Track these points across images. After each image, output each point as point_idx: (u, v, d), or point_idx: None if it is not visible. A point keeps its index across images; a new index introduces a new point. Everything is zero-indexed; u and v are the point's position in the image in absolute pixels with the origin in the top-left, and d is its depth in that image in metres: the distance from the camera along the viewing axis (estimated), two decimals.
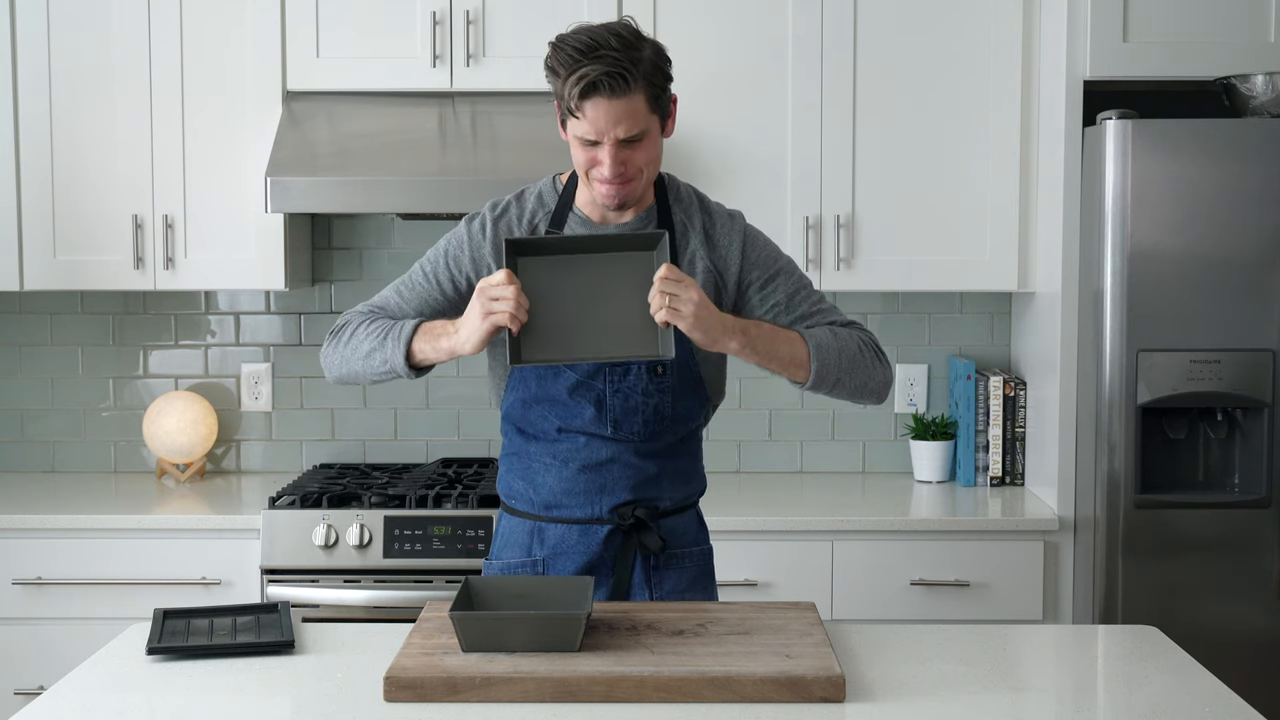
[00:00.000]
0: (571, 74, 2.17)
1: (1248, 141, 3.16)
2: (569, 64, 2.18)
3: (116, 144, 3.55)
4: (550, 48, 2.22)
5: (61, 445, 3.96)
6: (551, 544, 2.41)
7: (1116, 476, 3.19)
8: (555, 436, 2.39)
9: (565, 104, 2.20)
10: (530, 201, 2.40)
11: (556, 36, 2.23)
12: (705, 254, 2.38)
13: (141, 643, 2.25)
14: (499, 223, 2.38)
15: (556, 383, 2.36)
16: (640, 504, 2.39)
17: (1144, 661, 2.22)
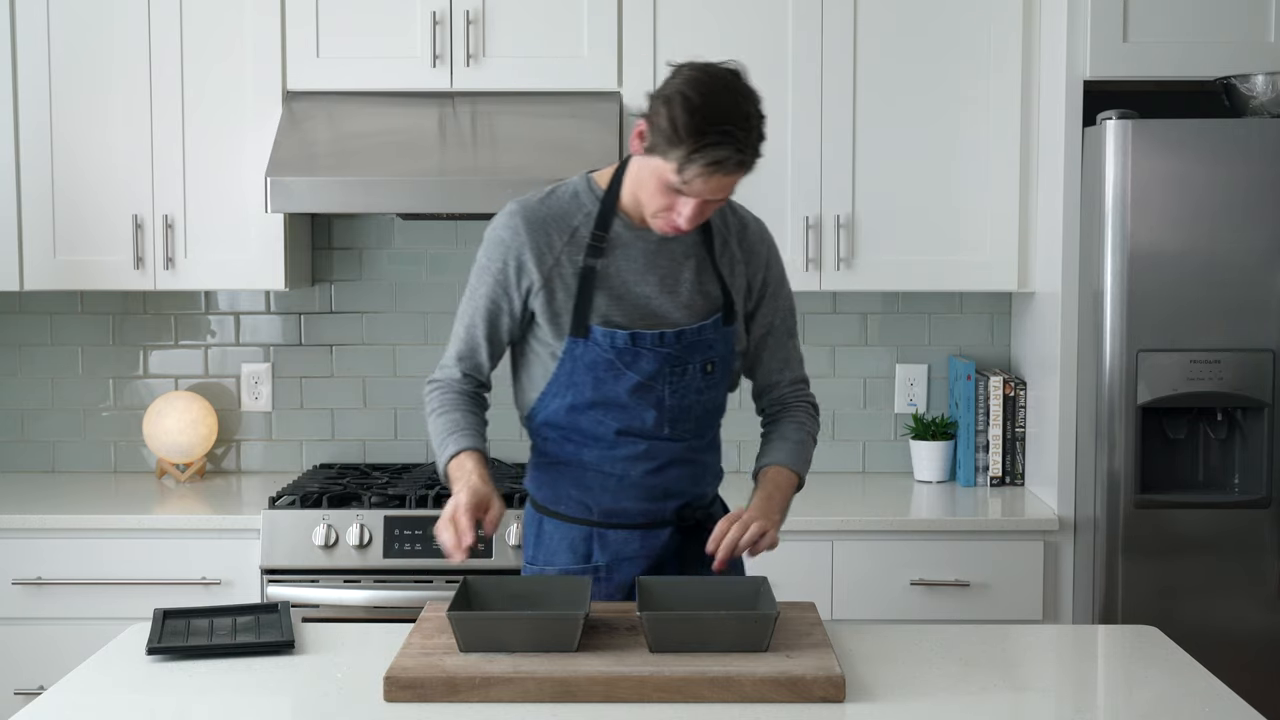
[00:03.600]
0: (699, 149, 2.13)
1: (1248, 141, 3.16)
2: (697, 135, 2.13)
3: (116, 144, 3.55)
4: (680, 100, 2.15)
5: (61, 445, 3.96)
6: (613, 549, 2.39)
7: (1116, 476, 3.19)
8: (613, 441, 2.36)
9: (676, 162, 2.14)
10: (564, 202, 2.36)
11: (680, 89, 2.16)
12: (740, 253, 2.42)
13: (141, 643, 2.25)
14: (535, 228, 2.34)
15: (617, 384, 2.33)
16: (697, 502, 2.42)
17: (1144, 661, 2.22)
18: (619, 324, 2.31)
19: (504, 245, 2.35)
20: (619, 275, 2.32)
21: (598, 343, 2.31)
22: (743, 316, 2.42)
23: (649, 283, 2.34)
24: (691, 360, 2.34)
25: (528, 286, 2.35)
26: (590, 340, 2.31)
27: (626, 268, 2.33)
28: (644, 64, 3.53)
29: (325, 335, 3.93)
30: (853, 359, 3.90)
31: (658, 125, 2.16)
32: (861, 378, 3.92)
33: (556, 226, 2.34)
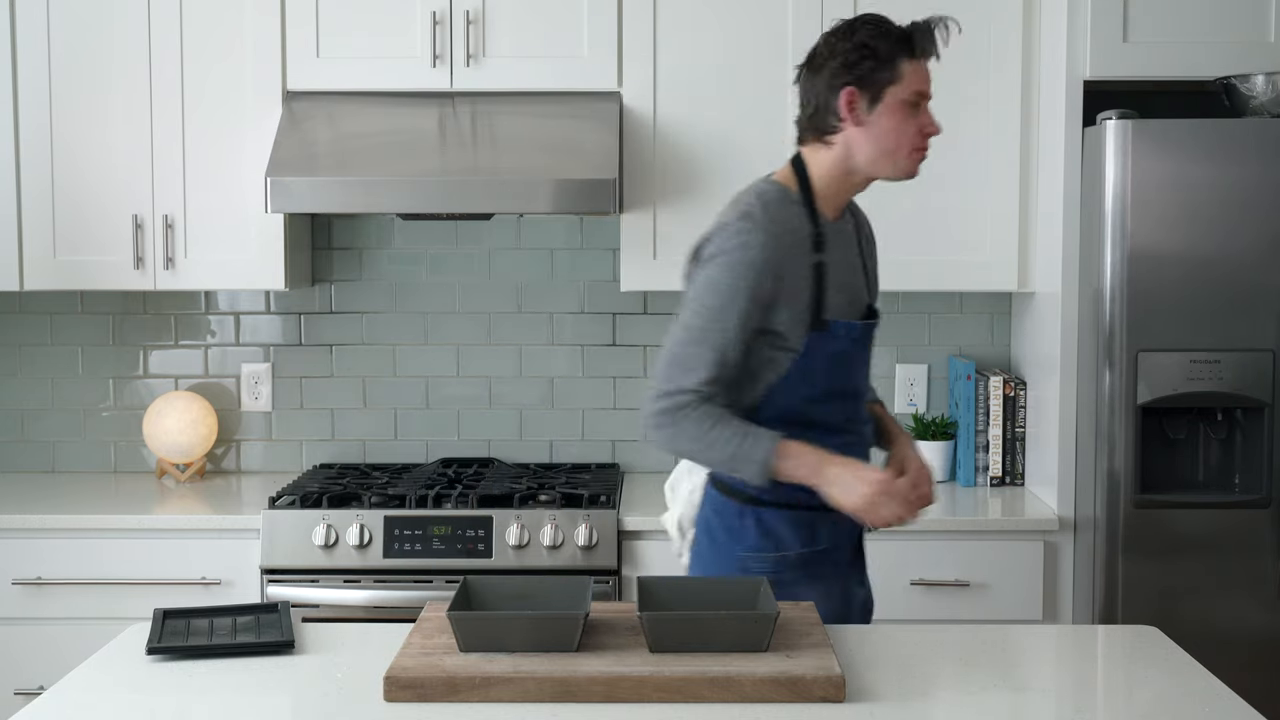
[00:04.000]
0: (907, 39, 2.36)
1: (1248, 141, 3.16)
2: (897, 32, 2.37)
3: (116, 144, 3.55)
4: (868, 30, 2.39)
5: (61, 445, 3.96)
6: (826, 538, 2.46)
7: (1116, 476, 3.19)
8: (842, 427, 2.45)
9: (908, 63, 2.37)
10: (782, 208, 2.39)
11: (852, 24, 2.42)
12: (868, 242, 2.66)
13: (141, 643, 2.25)
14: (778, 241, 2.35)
15: (850, 374, 2.46)
16: None
17: (1144, 661, 2.22)
18: (847, 314, 2.45)
19: (757, 267, 2.33)
20: (836, 267, 2.44)
21: (836, 335, 2.41)
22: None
23: (853, 271, 2.51)
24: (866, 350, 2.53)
25: (775, 299, 2.36)
26: (830, 333, 2.40)
27: (839, 259, 2.46)
28: (644, 64, 3.53)
29: (325, 335, 3.93)
30: None
31: (873, 57, 2.36)
32: None
33: (788, 232, 2.38)
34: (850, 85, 2.37)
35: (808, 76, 2.46)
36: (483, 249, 3.91)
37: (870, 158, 2.41)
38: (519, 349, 3.93)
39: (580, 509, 3.32)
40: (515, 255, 3.91)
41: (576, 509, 3.32)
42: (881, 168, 2.43)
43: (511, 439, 3.95)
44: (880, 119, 2.38)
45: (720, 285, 2.33)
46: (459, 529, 3.29)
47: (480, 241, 3.91)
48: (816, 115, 2.42)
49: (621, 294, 3.88)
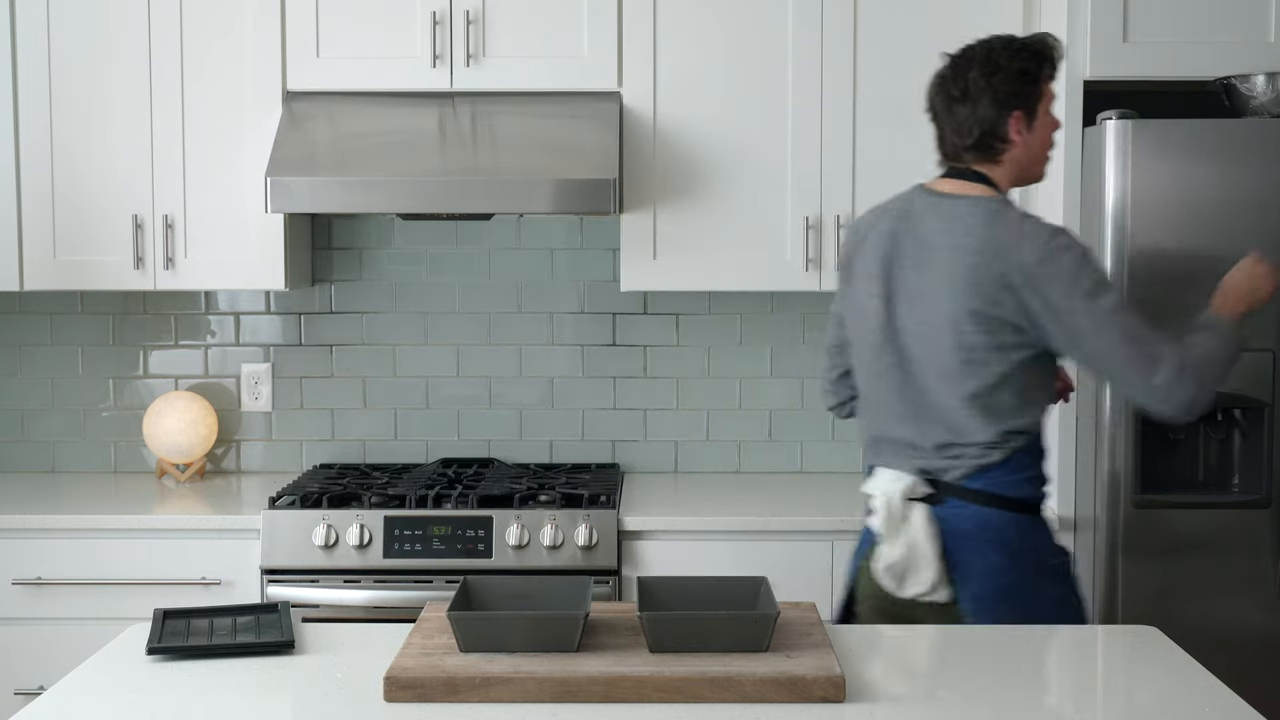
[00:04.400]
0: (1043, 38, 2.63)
1: (1248, 141, 3.15)
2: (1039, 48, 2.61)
3: (116, 144, 3.55)
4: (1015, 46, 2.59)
5: (61, 445, 3.96)
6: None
7: (1116, 476, 3.18)
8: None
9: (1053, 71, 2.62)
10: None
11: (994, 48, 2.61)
12: None
13: (141, 643, 2.25)
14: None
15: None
16: None
17: (1144, 661, 2.22)
18: None
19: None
20: None
21: None
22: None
23: None
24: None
25: None
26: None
27: None
28: (644, 64, 3.53)
29: (325, 335, 3.93)
30: None
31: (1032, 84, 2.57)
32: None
33: None
34: (1017, 110, 2.57)
35: (959, 105, 2.58)
36: (483, 249, 3.91)
37: (1026, 170, 2.63)
38: (519, 349, 3.93)
39: (580, 509, 3.32)
40: (515, 255, 3.91)
41: (576, 509, 3.32)
42: (1031, 177, 2.65)
43: (511, 439, 3.95)
44: (1036, 134, 2.60)
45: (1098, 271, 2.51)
46: (459, 529, 3.29)
47: (480, 241, 3.91)
48: (983, 139, 2.57)
49: (621, 294, 3.88)
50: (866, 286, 2.64)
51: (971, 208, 2.53)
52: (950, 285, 2.50)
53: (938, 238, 2.54)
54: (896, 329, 2.59)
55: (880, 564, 2.57)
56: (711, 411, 3.94)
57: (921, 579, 2.53)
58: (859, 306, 2.67)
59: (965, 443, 2.54)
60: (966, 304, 2.48)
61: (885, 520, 2.56)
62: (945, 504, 2.55)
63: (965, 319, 2.49)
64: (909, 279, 2.57)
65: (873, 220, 2.70)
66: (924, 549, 2.52)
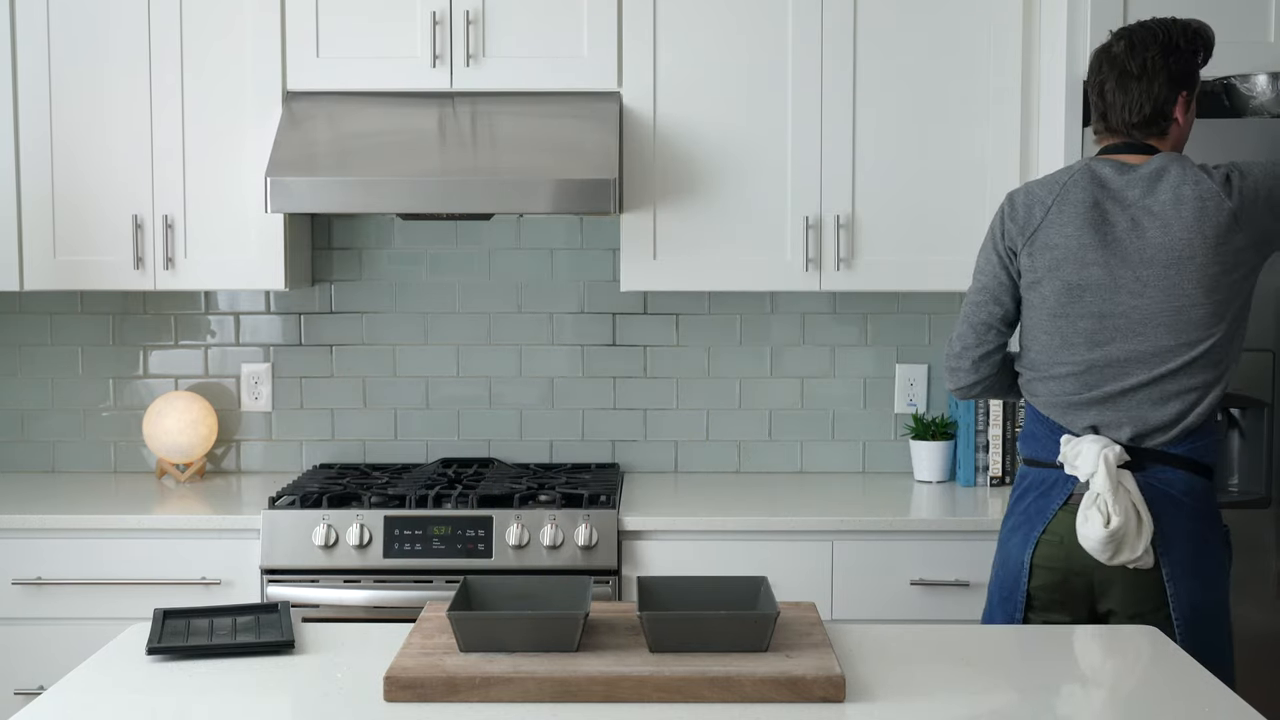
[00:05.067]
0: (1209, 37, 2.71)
1: (1248, 141, 3.15)
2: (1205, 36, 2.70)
3: (116, 144, 3.55)
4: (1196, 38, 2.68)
5: (61, 445, 3.96)
6: None
7: None
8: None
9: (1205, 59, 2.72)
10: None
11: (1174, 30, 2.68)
12: None
13: (141, 643, 2.25)
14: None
15: None
16: None
17: (1144, 661, 2.22)
18: None
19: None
20: None
21: None
22: None
23: None
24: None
25: None
26: None
27: None
28: (644, 64, 3.53)
29: (325, 335, 3.93)
30: (853, 359, 3.91)
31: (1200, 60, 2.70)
32: (861, 378, 3.93)
33: None
34: (1184, 91, 2.69)
35: (1134, 82, 2.68)
36: (483, 249, 3.91)
37: (1178, 149, 2.75)
38: (519, 349, 3.93)
39: (580, 509, 3.32)
40: (515, 255, 3.91)
41: (576, 509, 3.32)
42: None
43: (511, 439, 3.95)
44: (1191, 115, 2.74)
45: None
46: (459, 529, 3.29)
47: (480, 241, 3.91)
48: (1153, 116, 2.68)
49: (621, 294, 3.88)
50: (1077, 255, 2.65)
51: (1187, 167, 2.65)
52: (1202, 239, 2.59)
53: (1169, 202, 2.61)
54: (1121, 292, 2.63)
55: (1100, 532, 2.55)
56: (711, 411, 3.94)
57: (1137, 545, 2.56)
58: (1064, 277, 2.68)
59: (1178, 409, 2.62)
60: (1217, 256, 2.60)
61: (1109, 487, 2.56)
62: (1148, 470, 2.60)
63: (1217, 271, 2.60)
64: (1132, 243, 2.62)
65: (1051, 193, 2.71)
66: (1143, 515, 2.56)
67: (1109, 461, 2.56)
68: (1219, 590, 2.62)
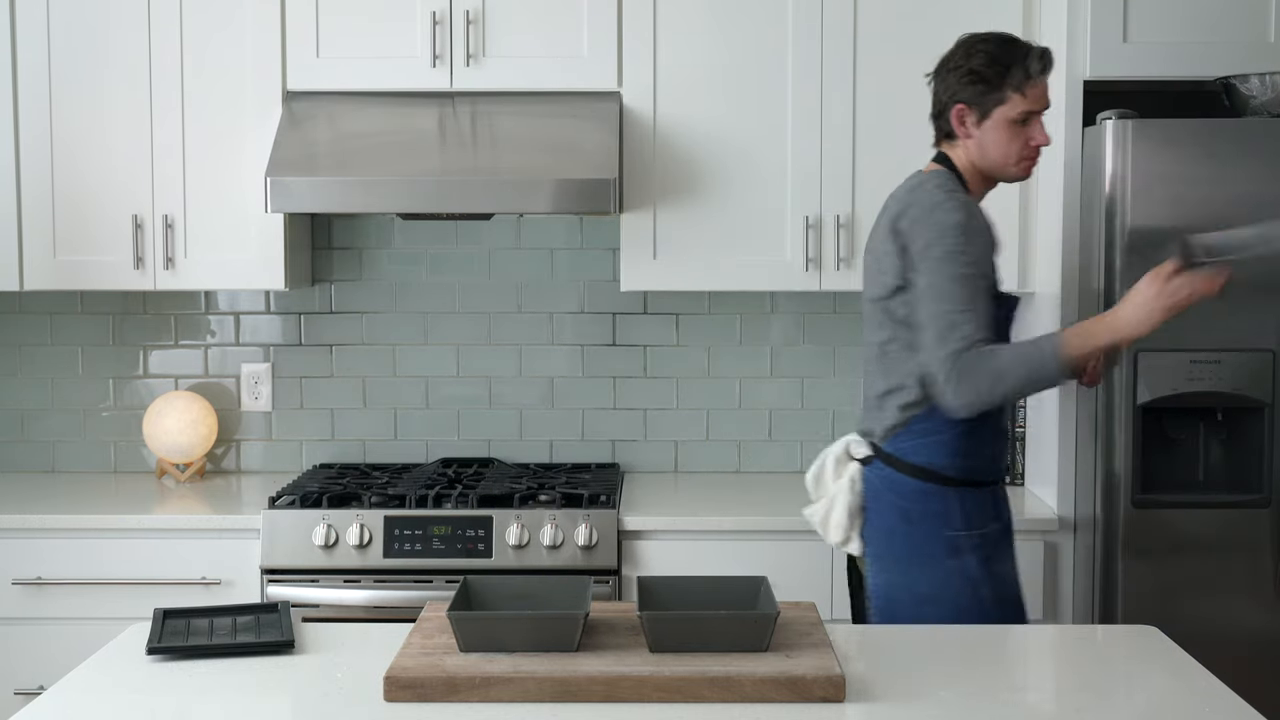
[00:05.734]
0: (1029, 56, 2.61)
1: (1248, 141, 3.16)
2: (1023, 51, 2.62)
3: (116, 144, 3.55)
4: (981, 46, 2.63)
5: (61, 445, 3.96)
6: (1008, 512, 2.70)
7: (1116, 476, 3.19)
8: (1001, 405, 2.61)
9: (1022, 83, 2.59)
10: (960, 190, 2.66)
11: (977, 38, 2.66)
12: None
13: (141, 643, 2.25)
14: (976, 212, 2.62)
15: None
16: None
17: (1144, 661, 2.22)
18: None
19: (985, 232, 2.61)
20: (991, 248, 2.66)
21: (1010, 306, 2.70)
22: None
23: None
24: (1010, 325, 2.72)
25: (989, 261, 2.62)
26: (1008, 305, 2.68)
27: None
28: (644, 64, 3.53)
29: (325, 335, 3.93)
30: (853, 359, 3.91)
31: (983, 81, 2.60)
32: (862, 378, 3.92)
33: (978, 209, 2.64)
34: (961, 103, 2.64)
35: (936, 80, 2.71)
36: (483, 249, 3.91)
37: (987, 166, 2.68)
38: (519, 349, 3.93)
39: (580, 509, 3.32)
40: (515, 255, 3.91)
41: (576, 509, 3.32)
42: (1000, 176, 2.69)
43: (511, 439, 3.95)
44: (987, 133, 2.64)
45: (957, 251, 2.54)
46: (459, 529, 3.29)
47: (480, 241, 3.91)
48: (938, 120, 2.71)
49: (621, 294, 3.88)
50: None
51: (908, 179, 2.71)
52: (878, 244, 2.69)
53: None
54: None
55: (806, 514, 2.83)
56: (711, 411, 3.94)
57: (834, 532, 2.75)
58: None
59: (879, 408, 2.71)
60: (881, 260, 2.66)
61: (811, 476, 2.84)
62: (870, 465, 2.73)
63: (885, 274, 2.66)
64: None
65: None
66: (838, 504, 2.73)
67: (827, 453, 2.81)
68: (926, 586, 2.61)
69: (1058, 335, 2.55)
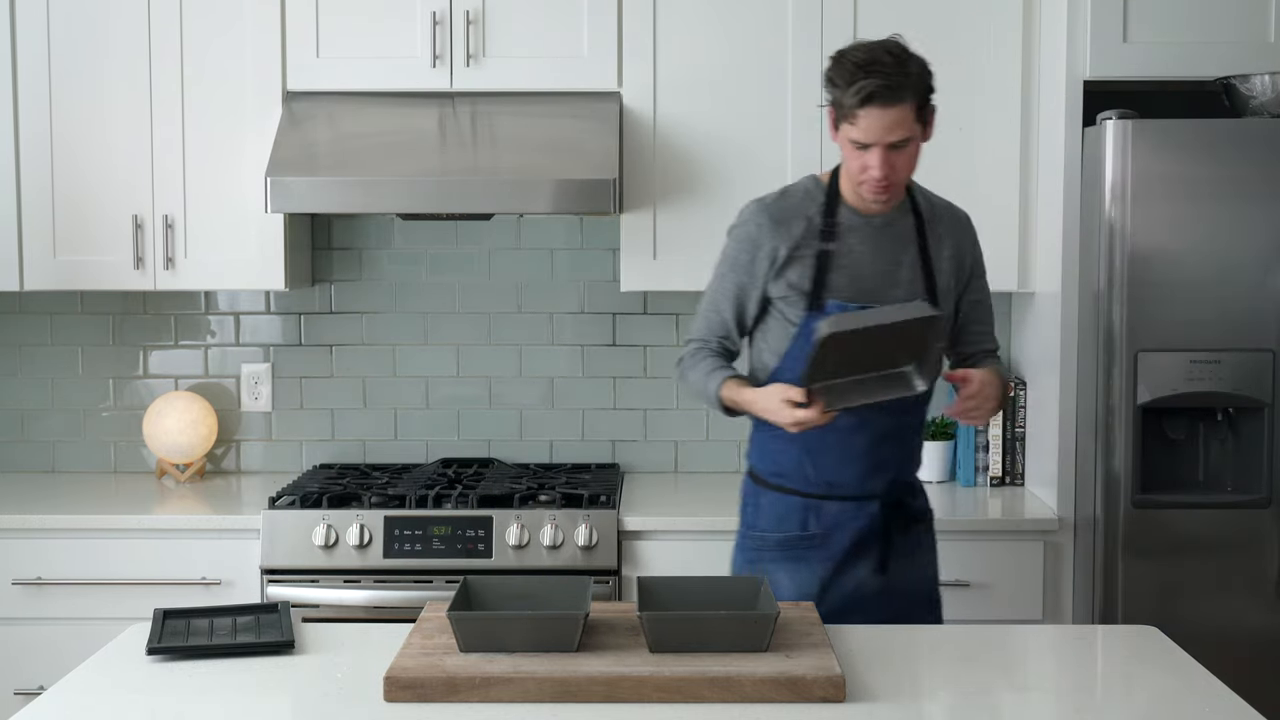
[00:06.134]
0: (851, 85, 2.47)
1: (1248, 141, 3.16)
2: (849, 76, 2.48)
3: (116, 144, 3.55)
4: (831, 61, 2.53)
5: (61, 445, 3.96)
6: (828, 520, 2.62)
7: (1116, 476, 3.19)
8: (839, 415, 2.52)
9: (843, 111, 2.50)
10: (798, 198, 2.66)
11: (836, 52, 2.55)
12: (949, 240, 2.68)
13: (141, 643, 2.25)
14: (777, 222, 2.62)
15: None
16: (902, 480, 2.64)
17: (1144, 661, 2.22)
18: (850, 300, 2.59)
19: (751, 240, 2.63)
20: (850, 256, 2.60)
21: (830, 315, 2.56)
22: (951, 298, 2.69)
23: (876, 263, 2.61)
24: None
25: (770, 272, 2.61)
26: (824, 314, 2.54)
27: (858, 249, 2.61)
28: (644, 64, 3.53)
29: (325, 335, 3.93)
30: None
31: (830, 92, 2.53)
32: None
33: (794, 219, 2.62)
34: (829, 105, 2.58)
35: None
36: (483, 249, 3.91)
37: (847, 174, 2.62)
38: (519, 349, 3.93)
39: (580, 509, 3.32)
40: (515, 255, 3.91)
41: (576, 509, 3.32)
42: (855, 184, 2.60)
43: (511, 439, 3.95)
44: (840, 143, 2.58)
45: (727, 254, 2.69)
46: (459, 529, 3.29)
47: (480, 241, 3.91)
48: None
49: (621, 294, 3.88)
50: None
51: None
52: None
53: None
54: None
55: None
56: (711, 412, 3.92)
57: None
58: None
59: None
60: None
61: None
62: None
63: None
64: None
65: None
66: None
67: None
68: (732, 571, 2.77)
69: (725, 378, 2.63)
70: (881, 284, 2.61)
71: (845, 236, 2.61)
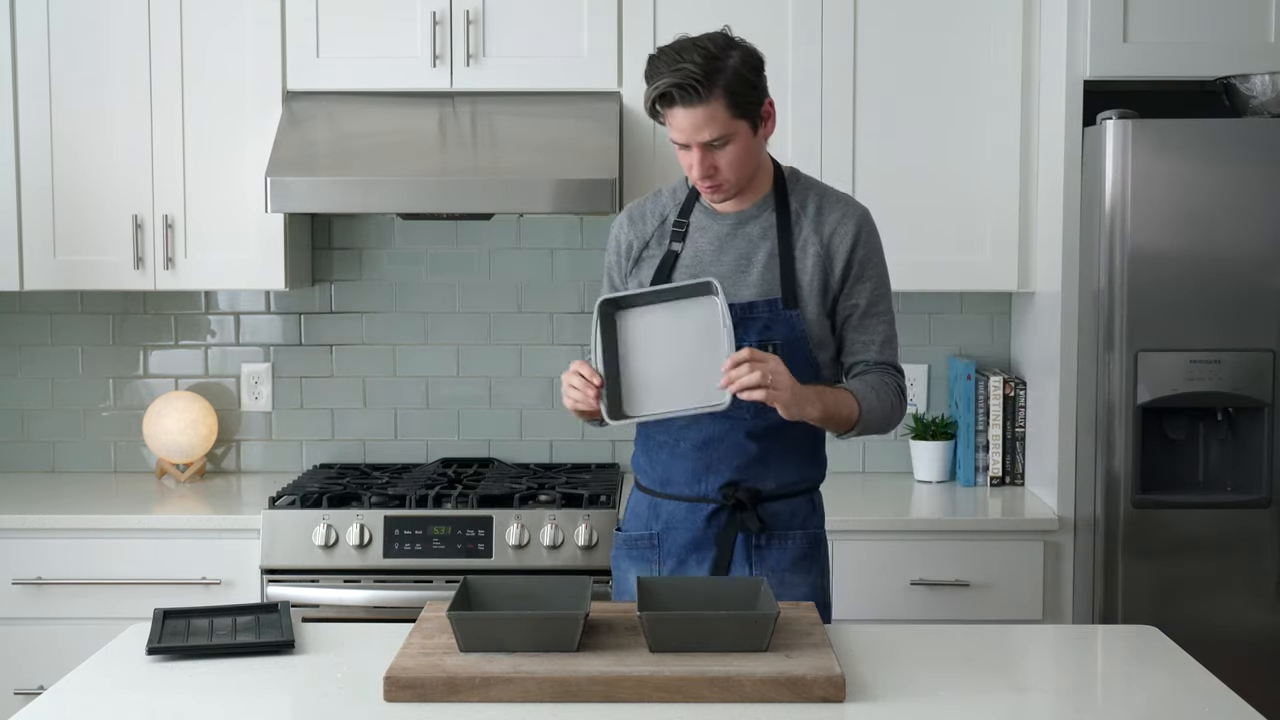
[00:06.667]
0: (651, 86, 2.44)
1: (1248, 141, 3.16)
2: (651, 75, 2.46)
3: (116, 144, 3.55)
4: (651, 59, 2.49)
5: (61, 445, 3.96)
6: (664, 519, 2.56)
7: (1116, 476, 3.19)
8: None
9: (647, 110, 2.48)
10: (662, 197, 2.64)
11: (659, 46, 2.51)
12: (815, 238, 2.53)
13: (141, 643, 2.25)
14: (634, 220, 2.62)
15: None
16: (744, 485, 2.50)
17: (1144, 661, 2.22)
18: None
19: (614, 237, 2.65)
20: (697, 256, 2.54)
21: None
22: (827, 299, 2.52)
23: (723, 263, 2.52)
24: (747, 338, 2.44)
25: (627, 267, 2.61)
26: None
27: (705, 249, 2.54)
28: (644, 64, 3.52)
29: (325, 335, 3.93)
30: None
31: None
32: None
33: (650, 216, 2.61)
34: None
35: None
36: (483, 249, 3.91)
37: None
38: (519, 349, 3.93)
39: (580, 509, 3.32)
40: (515, 255, 3.91)
41: (576, 509, 3.32)
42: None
43: (511, 439, 3.95)
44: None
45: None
46: (459, 529, 3.29)
47: (480, 241, 3.91)
48: None
49: None
50: None
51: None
52: None
53: None
54: None
55: None
56: None
57: None
58: None
59: None
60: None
61: None
62: None
63: None
64: None
65: None
66: None
67: None
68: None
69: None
70: (729, 285, 2.45)
71: (694, 236, 2.55)
